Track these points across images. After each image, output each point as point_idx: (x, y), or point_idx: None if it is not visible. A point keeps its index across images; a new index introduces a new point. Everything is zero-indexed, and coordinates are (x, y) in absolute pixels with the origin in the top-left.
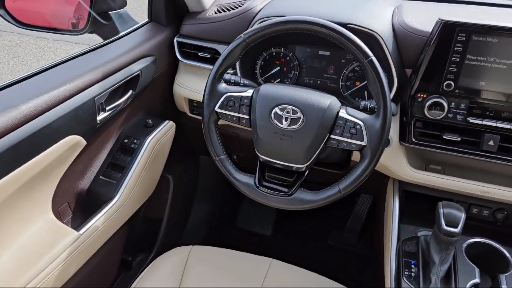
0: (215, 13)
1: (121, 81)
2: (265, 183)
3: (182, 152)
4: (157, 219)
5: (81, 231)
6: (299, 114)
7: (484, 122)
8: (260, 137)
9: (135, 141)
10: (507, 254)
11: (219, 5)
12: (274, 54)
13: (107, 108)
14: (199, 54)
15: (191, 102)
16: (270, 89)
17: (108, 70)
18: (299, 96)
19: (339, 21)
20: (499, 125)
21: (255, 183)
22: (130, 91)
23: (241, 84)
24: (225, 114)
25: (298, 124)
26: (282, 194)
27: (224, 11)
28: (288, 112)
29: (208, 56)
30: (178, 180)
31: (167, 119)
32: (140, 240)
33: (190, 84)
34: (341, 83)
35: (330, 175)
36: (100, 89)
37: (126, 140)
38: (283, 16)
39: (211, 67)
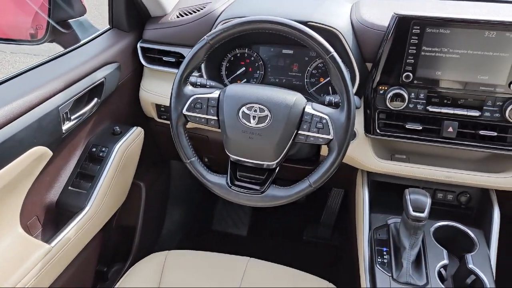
0: (177, 17)
1: (85, 89)
2: (237, 182)
3: (153, 158)
4: (131, 227)
5: (53, 244)
6: (266, 112)
7: (443, 110)
8: (229, 137)
9: (103, 149)
10: (472, 235)
11: (181, 8)
12: (238, 55)
13: (72, 117)
14: (164, 58)
15: (158, 107)
16: (236, 89)
17: (71, 79)
18: (265, 94)
19: (299, 20)
20: (456, 112)
21: (227, 183)
22: (95, 99)
23: (207, 86)
24: (193, 116)
25: (266, 122)
26: (255, 192)
27: (186, 15)
28: (255, 111)
29: (173, 60)
30: (150, 186)
31: (135, 126)
32: (115, 250)
33: (157, 89)
34: (305, 80)
35: (301, 171)
36: (64, 98)
37: (94, 149)
38: (245, 16)
39: (176, 71)
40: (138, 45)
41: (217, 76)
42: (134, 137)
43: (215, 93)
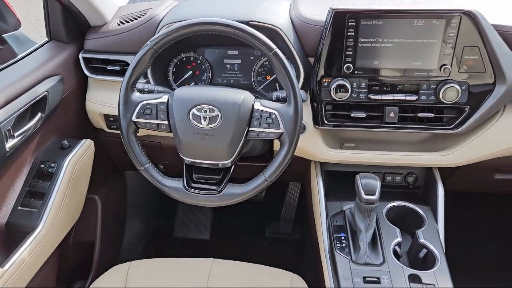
0: (118, 24)
1: (26, 104)
2: (193, 185)
3: (106, 170)
4: (89, 243)
5: (6, 267)
6: (216, 112)
7: (383, 97)
8: (182, 140)
9: (52, 164)
10: (421, 212)
11: (121, 16)
12: (184, 59)
13: (15, 134)
14: (108, 67)
15: (107, 117)
16: (184, 91)
17: (10, 94)
18: (214, 94)
19: (241, 20)
20: (396, 97)
21: (184, 186)
22: (39, 114)
23: (155, 92)
24: (143, 122)
25: (217, 121)
26: (212, 192)
27: (128, 22)
28: (205, 112)
29: (118, 68)
30: (106, 199)
31: (84, 138)
32: (74, 267)
33: (104, 99)
34: (253, 79)
35: (257, 169)
36: (5, 114)
37: (42, 165)
38: (187, 19)
39: (122, 79)
40: (80, 55)
41: (165, 82)
42: (84, 150)
43: (164, 98)
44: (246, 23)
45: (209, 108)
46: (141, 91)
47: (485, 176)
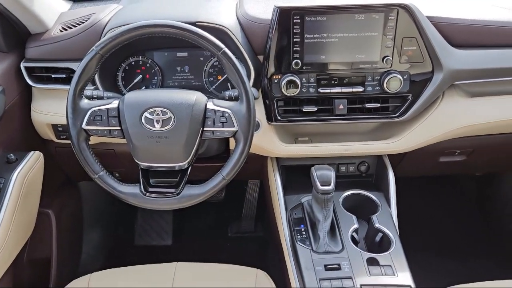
0: (61, 31)
1: None
2: (151, 189)
3: (58, 182)
4: (45, 259)
5: None
6: (169, 114)
7: (332, 90)
8: (136, 144)
9: None
10: (374, 198)
11: (63, 22)
12: (133, 63)
13: None
14: (53, 76)
15: (55, 127)
16: (135, 95)
17: None
18: (166, 97)
19: (187, 21)
20: (344, 90)
21: (141, 191)
22: None
23: (105, 98)
24: (94, 130)
25: (171, 124)
26: (170, 195)
27: (71, 28)
28: (158, 115)
29: (64, 76)
30: (60, 212)
31: (32, 150)
32: (30, 285)
33: (50, 109)
34: (204, 79)
35: (215, 169)
36: None
37: None
38: (133, 23)
39: (68, 87)
40: (21, 65)
41: (114, 87)
42: (33, 162)
43: (114, 103)
44: (193, 24)
45: (161, 110)
46: (90, 97)
47: (431, 160)
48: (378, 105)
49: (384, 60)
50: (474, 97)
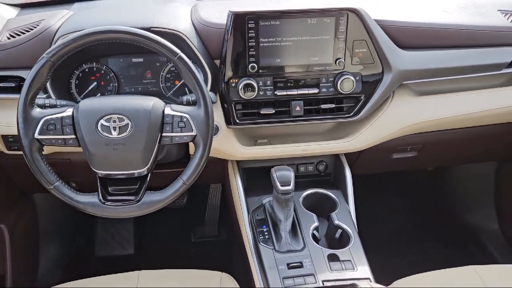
0: (8, 38)
1: None
2: (110, 197)
3: (11, 196)
4: None
5: None
6: (126, 121)
7: (288, 92)
8: (92, 153)
9: None
10: (333, 196)
11: (11, 29)
12: (87, 70)
13: None
14: (1, 85)
15: (5, 138)
16: (90, 102)
17: None
18: (122, 103)
19: (142, 26)
20: (299, 92)
21: (99, 200)
22: None
23: (58, 106)
24: (48, 139)
25: (128, 130)
26: (130, 202)
27: (19, 35)
28: (114, 122)
29: (13, 85)
30: (13, 227)
31: None
32: None
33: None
34: (161, 85)
35: (176, 174)
36: None
37: None
38: (86, 29)
39: (18, 96)
40: None
41: (68, 95)
42: None
43: (68, 111)
44: (148, 29)
45: (118, 117)
46: (42, 106)
47: (384, 157)
48: (333, 105)
49: (337, 62)
50: (422, 96)
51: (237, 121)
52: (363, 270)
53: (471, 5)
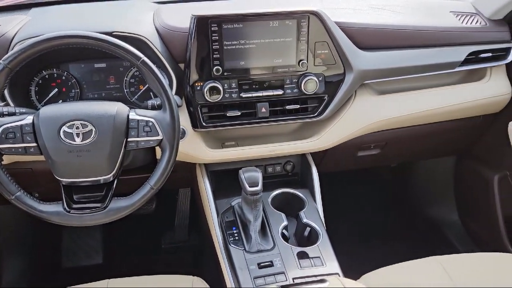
0: None
1: None
2: (75, 205)
3: None
4: None
5: None
6: (90, 127)
7: (254, 94)
8: (55, 160)
9: None
10: (301, 195)
11: None
12: (47, 76)
13: None
14: None
15: None
16: (52, 109)
17: None
18: (85, 109)
19: (103, 31)
20: (265, 94)
21: (64, 208)
22: None
23: (17, 114)
24: (7, 148)
25: (92, 136)
26: (97, 209)
27: None
28: (77, 128)
29: None
30: None
31: None
32: None
33: None
34: (125, 90)
35: (143, 180)
36: None
37: None
38: (45, 34)
39: None
40: None
41: (27, 103)
42: None
43: (28, 119)
44: (110, 34)
45: (81, 123)
46: (0, 114)
47: (349, 155)
48: (298, 106)
49: (300, 63)
50: (382, 95)
51: (204, 124)
52: (332, 265)
53: (425, 7)
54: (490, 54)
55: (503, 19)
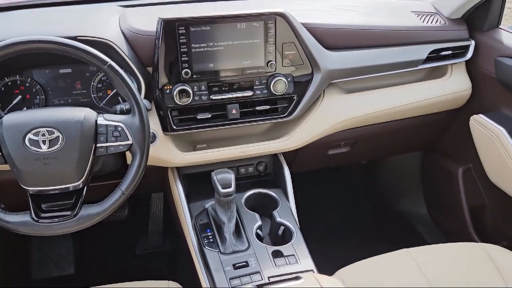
0: None
1: None
2: (44, 215)
3: None
4: None
5: None
6: (56, 134)
7: (223, 96)
8: (21, 169)
9: None
10: (274, 195)
11: None
12: (9, 83)
13: None
14: None
15: None
16: (15, 117)
17: None
18: (51, 115)
19: (67, 35)
20: (234, 95)
21: (32, 218)
22: None
23: None
24: None
25: (59, 143)
26: (67, 217)
27: None
28: (44, 135)
29: None
30: None
31: None
32: None
33: None
34: (93, 95)
35: (115, 186)
36: None
37: None
38: (5, 40)
39: None
40: None
41: None
42: None
43: None
44: (74, 38)
45: (47, 130)
46: None
47: (320, 154)
48: (268, 107)
49: (269, 64)
50: (350, 94)
51: (174, 127)
52: (307, 263)
53: (387, 7)
54: (450, 52)
55: (461, 18)
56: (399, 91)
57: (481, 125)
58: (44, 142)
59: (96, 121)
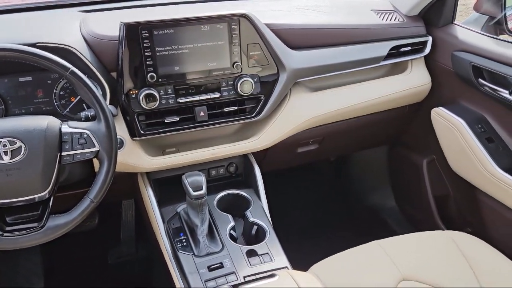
0: None
1: None
2: (8, 228)
3: None
4: None
5: None
6: (18, 144)
7: (191, 99)
8: None
9: None
10: (246, 195)
11: None
12: None
13: None
14: None
15: None
16: None
17: None
18: (12, 125)
19: (26, 42)
20: (202, 97)
21: None
22: None
23: None
24: None
25: (22, 153)
26: (33, 229)
27: None
28: (5, 146)
29: None
30: None
31: None
32: None
33: None
34: (55, 103)
35: (83, 195)
36: None
37: None
38: None
39: None
40: None
41: None
42: None
43: None
44: (33, 45)
45: (8, 140)
46: None
47: (290, 152)
48: (236, 108)
49: (234, 65)
50: (316, 92)
51: (142, 132)
52: (281, 260)
53: (347, 6)
54: (409, 48)
55: (418, 15)
56: (363, 87)
57: (441, 117)
58: (5, 152)
59: (60, 129)
